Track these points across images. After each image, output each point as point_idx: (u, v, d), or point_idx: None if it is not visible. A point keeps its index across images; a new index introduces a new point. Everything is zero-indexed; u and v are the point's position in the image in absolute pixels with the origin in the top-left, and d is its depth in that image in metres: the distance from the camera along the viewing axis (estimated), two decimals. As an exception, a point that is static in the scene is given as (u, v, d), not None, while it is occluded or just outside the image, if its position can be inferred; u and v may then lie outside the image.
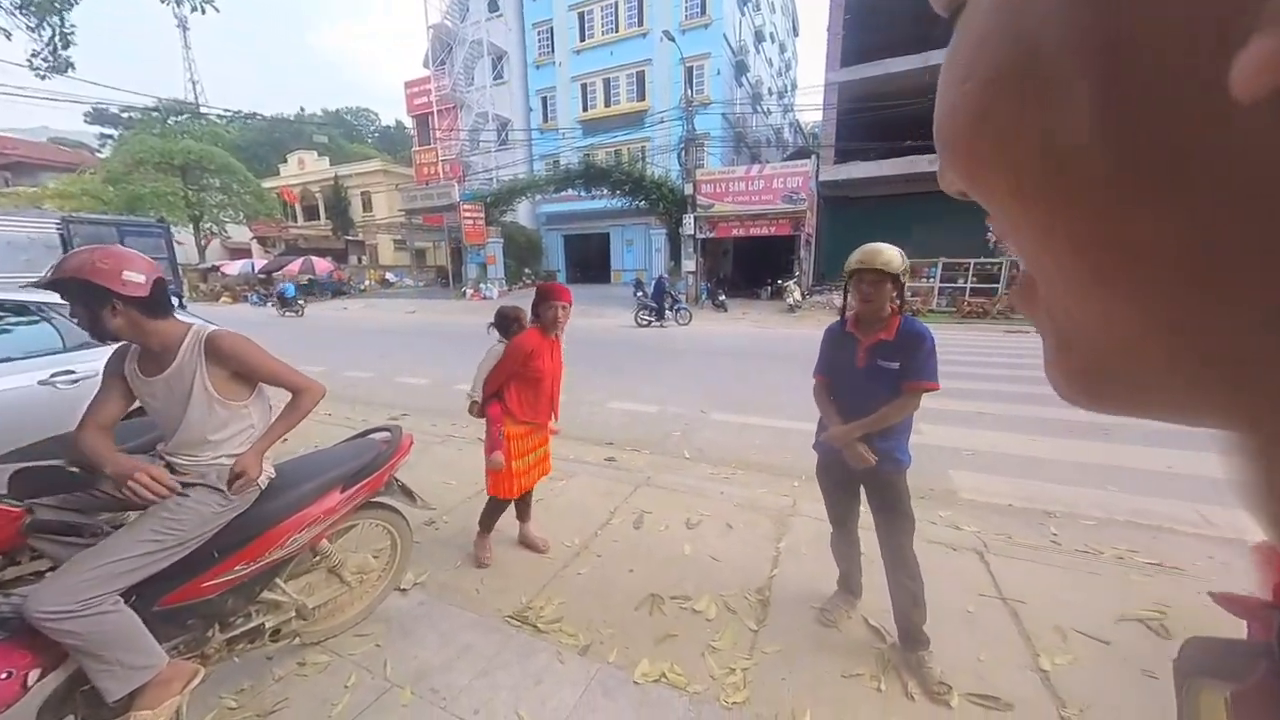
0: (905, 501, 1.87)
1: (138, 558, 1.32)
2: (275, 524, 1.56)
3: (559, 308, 2.27)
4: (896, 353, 1.78)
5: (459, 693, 1.68)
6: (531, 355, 2.27)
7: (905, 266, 1.77)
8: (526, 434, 2.39)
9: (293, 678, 1.75)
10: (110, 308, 1.36)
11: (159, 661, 1.34)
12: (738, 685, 1.76)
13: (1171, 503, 3.29)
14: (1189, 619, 2.08)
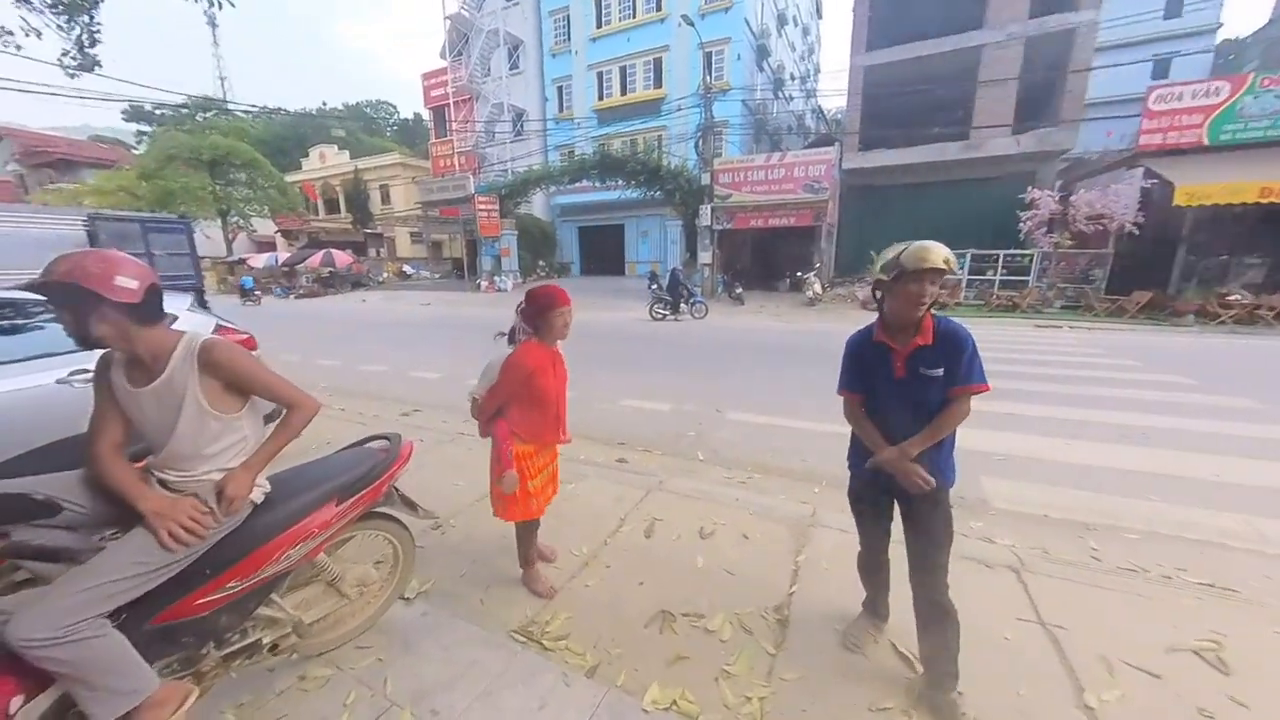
0: (949, 523, 1.69)
1: (127, 580, 1.27)
2: (269, 540, 1.50)
3: (565, 314, 2.04)
4: (939, 358, 1.60)
5: (459, 715, 1.61)
6: (533, 374, 2.01)
7: (955, 263, 1.60)
8: (536, 452, 2.15)
9: (293, 692, 1.71)
10: (98, 313, 1.31)
11: (150, 685, 1.29)
12: (754, 716, 1.66)
13: (1221, 514, 3.07)
14: (1247, 650, 1.91)
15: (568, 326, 2.10)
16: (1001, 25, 16.43)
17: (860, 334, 1.80)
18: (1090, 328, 10.70)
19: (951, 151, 17.35)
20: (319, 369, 7.65)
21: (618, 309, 14.66)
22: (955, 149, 17.31)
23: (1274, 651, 1.93)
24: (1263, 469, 3.66)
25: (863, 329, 1.81)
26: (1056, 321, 11.39)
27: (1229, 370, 6.75)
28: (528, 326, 2.08)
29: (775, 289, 18.62)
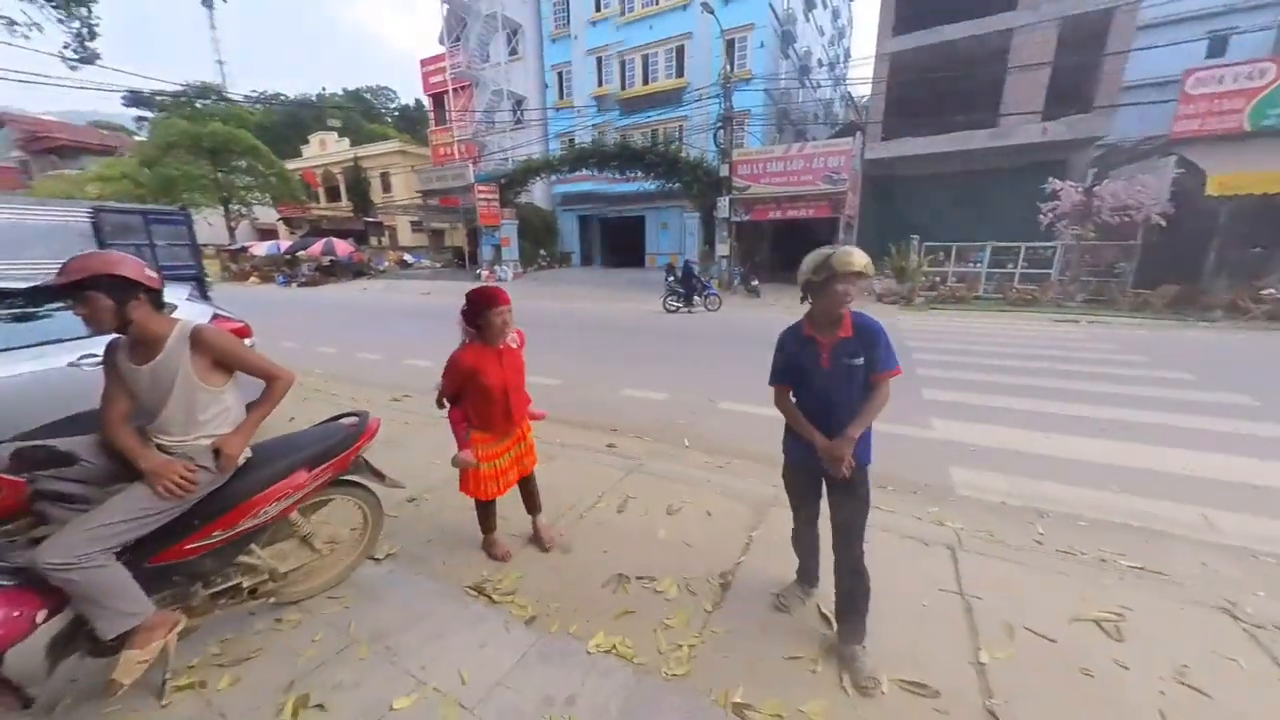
0: (866, 499, 1.95)
1: (128, 522, 1.59)
2: (248, 498, 1.82)
3: (504, 313, 2.23)
4: (859, 348, 1.86)
5: (410, 651, 1.93)
6: (473, 373, 2.24)
7: (870, 266, 1.81)
8: (493, 439, 2.41)
9: (269, 631, 2.04)
10: (135, 300, 1.63)
11: (146, 610, 1.62)
12: (682, 660, 1.94)
13: (1179, 506, 3.26)
14: (1148, 623, 2.14)
15: (507, 325, 2.29)
16: (1035, 5, 16.27)
17: (790, 331, 2.05)
18: (1109, 322, 10.70)
19: (978, 140, 17.22)
20: (317, 356, 8.07)
21: (633, 301, 14.96)
22: (982, 137, 17.18)
23: (1173, 624, 2.15)
24: (1232, 463, 3.83)
25: (791, 326, 2.05)
26: (1075, 316, 11.39)
27: (1238, 367, 6.80)
28: (470, 328, 2.29)
29: (792, 282, 18.69)
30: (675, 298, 12.88)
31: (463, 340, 2.35)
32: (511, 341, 2.41)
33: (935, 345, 8.34)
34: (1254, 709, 1.75)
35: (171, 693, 1.76)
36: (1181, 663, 1.92)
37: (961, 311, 12.57)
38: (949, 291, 13.90)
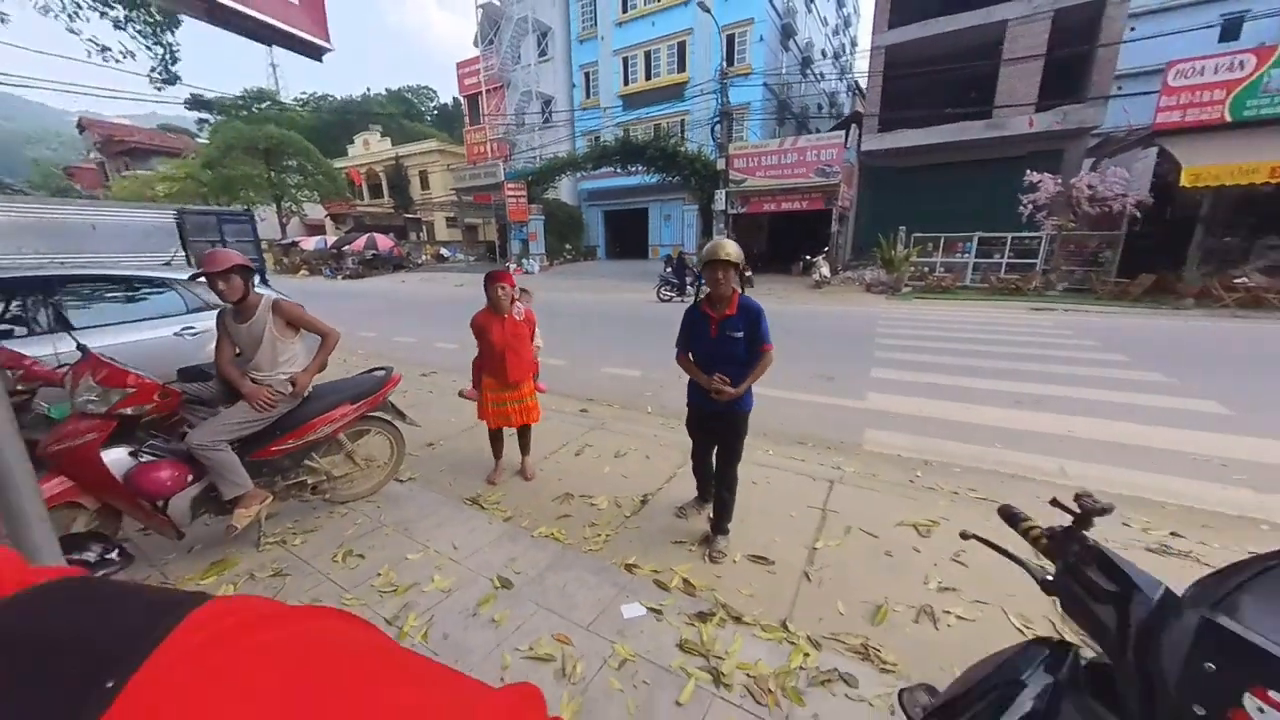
0: (741, 438, 2.55)
1: (237, 424, 2.37)
2: (310, 419, 2.59)
3: (501, 288, 2.94)
4: (741, 324, 2.38)
5: (421, 532, 2.69)
6: (482, 329, 2.99)
7: (741, 256, 2.35)
8: (496, 385, 3.10)
9: (325, 517, 2.83)
10: (251, 280, 2.41)
11: (249, 485, 2.40)
12: (597, 543, 2.65)
13: (1045, 459, 3.79)
14: (955, 527, 2.74)
15: (505, 297, 2.97)
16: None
17: (692, 308, 2.62)
18: (1086, 310, 10.83)
19: (974, 131, 17.07)
20: (359, 340, 9.00)
21: (631, 291, 15.56)
22: (978, 128, 17.02)
23: (969, 526, 2.75)
24: (1114, 427, 4.29)
25: (694, 303, 2.63)
26: (1053, 305, 11.53)
27: (1174, 351, 7.07)
28: (486, 296, 3.02)
29: (789, 272, 19.01)
30: (669, 287, 13.33)
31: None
32: (516, 314, 3.07)
33: (901, 331, 8.76)
34: (996, 573, 2.35)
35: (264, 545, 2.56)
36: (960, 549, 2.53)
37: (945, 301, 12.80)
38: (936, 281, 14.07)
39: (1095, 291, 12.19)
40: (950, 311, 11.18)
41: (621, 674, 1.82)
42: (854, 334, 8.52)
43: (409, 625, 2.03)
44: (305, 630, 0.21)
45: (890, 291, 13.83)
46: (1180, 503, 3.14)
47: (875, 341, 7.80)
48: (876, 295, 13.74)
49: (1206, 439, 4.03)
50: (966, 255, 14.69)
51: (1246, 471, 3.49)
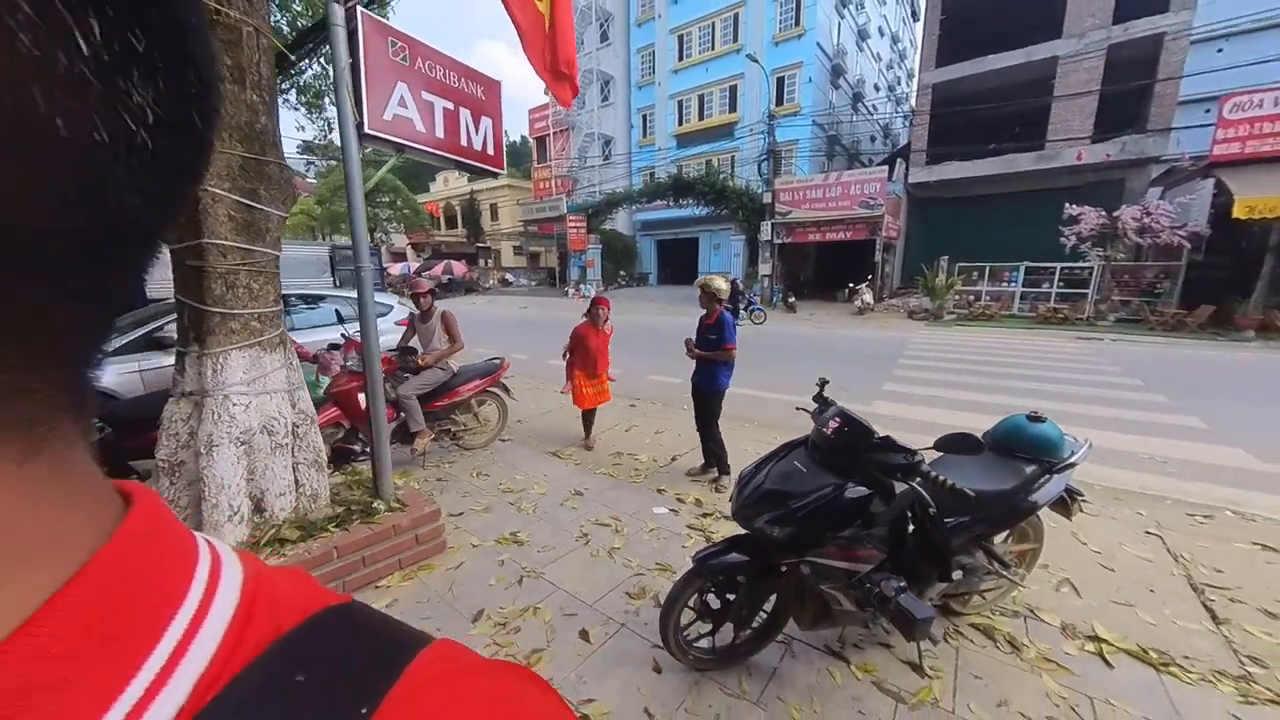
0: (709, 407, 3.80)
1: (420, 385, 3.85)
2: (456, 388, 4.04)
3: (602, 309, 4.28)
4: (715, 330, 3.70)
5: (517, 468, 4.04)
6: (583, 337, 4.29)
7: (727, 290, 3.69)
8: (585, 376, 4.40)
9: (460, 457, 4.26)
10: (433, 296, 3.95)
11: (423, 425, 3.85)
12: (639, 479, 3.88)
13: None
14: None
15: (604, 319, 4.31)
16: (1081, 33, 16.31)
17: (703, 315, 3.93)
18: (1136, 341, 10.94)
19: (1023, 163, 17.34)
20: (448, 350, 10.84)
21: (684, 314, 16.88)
22: (1028, 160, 17.28)
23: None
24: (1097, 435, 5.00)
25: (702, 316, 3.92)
26: (1101, 335, 11.66)
27: (1192, 378, 7.40)
28: (587, 314, 4.37)
29: (834, 299, 19.69)
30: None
31: (584, 318, 4.40)
32: (607, 328, 4.45)
33: (929, 353, 9.46)
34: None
35: (427, 465, 4.01)
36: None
37: (985, 328, 13.15)
38: (981, 309, 14.39)
39: (1148, 323, 12.15)
40: (986, 338, 11.61)
41: (651, 534, 3.03)
42: (882, 355, 9.32)
43: (525, 505, 3.35)
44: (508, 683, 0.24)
45: (931, 318, 14.29)
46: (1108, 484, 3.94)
47: (899, 361, 8.60)
48: (917, 322, 14.25)
49: (1166, 445, 4.71)
50: (1013, 285, 14.89)
51: (1177, 466, 4.21)
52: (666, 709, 1.83)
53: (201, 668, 0.20)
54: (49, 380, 0.17)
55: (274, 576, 0.26)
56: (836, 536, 1.73)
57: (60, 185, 0.15)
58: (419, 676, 0.22)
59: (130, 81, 0.15)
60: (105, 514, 0.21)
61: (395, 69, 2.47)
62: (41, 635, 0.16)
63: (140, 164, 0.16)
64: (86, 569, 0.18)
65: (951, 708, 1.85)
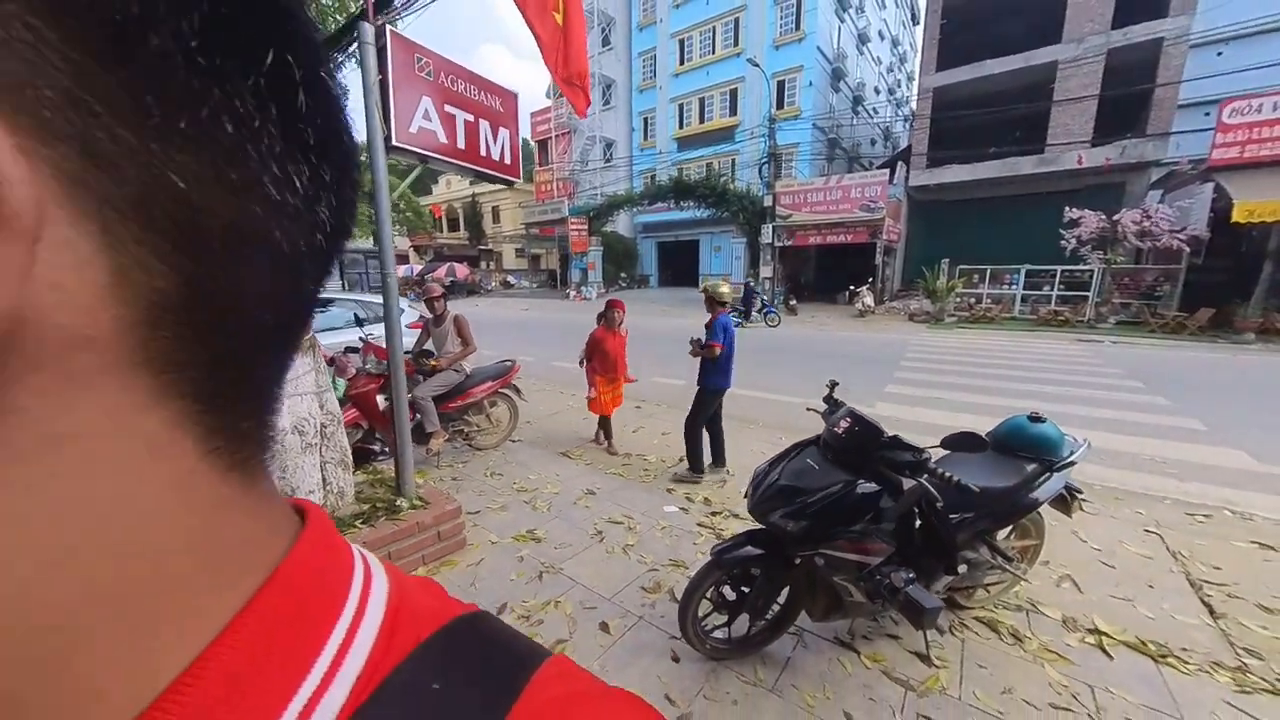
0: (700, 404, 3.93)
1: (436, 386, 3.94)
2: (469, 389, 4.13)
3: (618, 313, 4.31)
4: (709, 330, 3.86)
5: (530, 468, 4.13)
6: (599, 341, 4.34)
7: (728, 294, 3.84)
8: (605, 382, 4.46)
9: (472, 456, 4.35)
10: (445, 299, 4.05)
11: (438, 425, 3.94)
12: (648, 478, 3.97)
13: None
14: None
15: (619, 321, 4.37)
16: (1080, 38, 16.45)
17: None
18: (1135, 343, 11.03)
19: (1024, 166, 17.46)
20: (453, 352, 10.94)
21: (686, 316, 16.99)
22: (1028, 164, 17.40)
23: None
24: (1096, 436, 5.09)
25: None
26: (1101, 337, 11.76)
27: (1191, 379, 7.49)
28: (602, 317, 4.43)
29: (835, 301, 19.80)
30: (735, 313, 14.68)
31: (598, 323, 4.47)
32: (623, 330, 4.50)
33: (930, 355, 9.56)
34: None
35: (442, 465, 4.10)
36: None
37: (986, 330, 13.25)
38: (981, 312, 14.48)
39: (1148, 325, 12.24)
40: (987, 340, 11.71)
41: (663, 532, 3.12)
42: (884, 357, 9.41)
43: (539, 504, 3.44)
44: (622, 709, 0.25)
45: (933, 321, 14.39)
46: (1109, 485, 4.03)
47: (900, 363, 8.69)
48: (918, 324, 14.35)
49: (1166, 446, 4.79)
50: (1014, 287, 14.99)
51: (1177, 467, 4.30)
52: (686, 695, 1.92)
53: (357, 671, 0.21)
54: (258, 422, 0.22)
55: (413, 586, 0.28)
56: (848, 530, 1.82)
57: (279, 284, 0.20)
58: (538, 696, 0.24)
59: (319, 205, 0.20)
60: (286, 530, 0.24)
61: (420, 84, 2.58)
62: (240, 640, 0.19)
63: (317, 257, 0.21)
64: (273, 580, 0.21)
65: (958, 695, 1.94)
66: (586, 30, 3.45)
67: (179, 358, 0.17)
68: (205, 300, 0.17)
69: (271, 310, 0.20)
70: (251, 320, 0.19)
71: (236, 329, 0.18)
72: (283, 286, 0.20)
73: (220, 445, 0.19)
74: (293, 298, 0.21)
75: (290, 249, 0.19)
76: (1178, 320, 11.89)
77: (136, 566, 0.17)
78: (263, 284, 0.19)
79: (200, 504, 0.19)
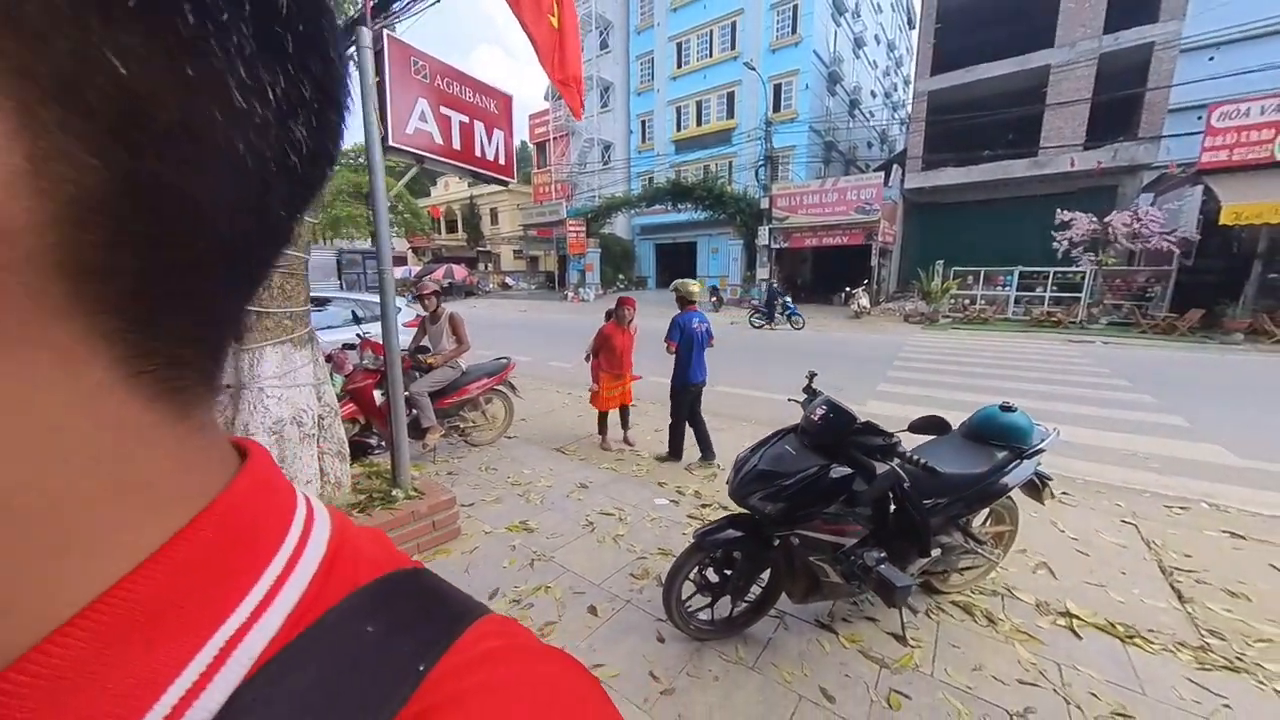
0: (679, 399, 4.10)
1: (433, 382, 4.02)
2: (464, 386, 4.21)
3: (628, 310, 4.34)
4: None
5: (524, 463, 4.21)
6: (609, 337, 4.34)
7: (696, 292, 4.01)
8: (609, 378, 4.45)
9: (467, 452, 4.42)
10: (440, 298, 4.13)
11: (434, 421, 4.02)
12: (640, 472, 4.05)
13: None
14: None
15: (630, 319, 4.40)
16: (1073, 42, 16.64)
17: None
18: (1127, 344, 11.16)
19: (1018, 169, 17.64)
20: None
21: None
22: (1022, 166, 17.59)
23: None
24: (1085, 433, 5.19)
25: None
26: (1093, 337, 11.89)
27: (1177, 378, 7.61)
28: (613, 313, 4.43)
29: (831, 302, 19.92)
30: (759, 315, 14.62)
31: (608, 319, 4.48)
32: (633, 328, 4.52)
33: (923, 355, 9.67)
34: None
35: (438, 459, 4.18)
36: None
37: (980, 331, 13.37)
38: (976, 313, 14.61)
39: (1139, 326, 12.38)
40: (980, 340, 11.83)
41: (653, 523, 3.21)
42: (877, 357, 9.51)
43: (533, 497, 3.52)
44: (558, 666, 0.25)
45: (927, 322, 14.51)
46: (1091, 479, 4.12)
47: (893, 363, 8.80)
48: (913, 325, 14.47)
49: (1149, 441, 4.90)
50: (1007, 288, 15.13)
51: (1159, 462, 4.40)
52: (670, 672, 2.00)
53: (292, 605, 0.22)
54: (203, 354, 0.21)
55: (357, 534, 0.28)
56: (823, 512, 1.91)
57: (240, 200, 0.18)
58: (472, 647, 0.23)
59: (295, 122, 0.19)
60: (226, 466, 0.23)
61: (416, 86, 2.67)
62: (166, 567, 0.18)
63: (291, 183, 0.20)
64: (206, 512, 0.21)
65: (930, 672, 2.03)
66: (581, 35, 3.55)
67: (106, 264, 0.15)
68: (143, 204, 0.15)
69: (227, 228, 0.18)
70: (200, 235, 0.17)
71: (180, 242, 0.17)
72: (243, 204, 0.18)
73: (149, 369, 0.18)
74: (256, 220, 0.19)
75: (256, 164, 0.18)
76: (1168, 321, 12.03)
77: (32, 479, 0.15)
78: (217, 196, 0.17)
79: (113, 426, 0.17)
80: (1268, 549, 2.98)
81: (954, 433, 2.40)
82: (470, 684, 0.22)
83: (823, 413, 2.00)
